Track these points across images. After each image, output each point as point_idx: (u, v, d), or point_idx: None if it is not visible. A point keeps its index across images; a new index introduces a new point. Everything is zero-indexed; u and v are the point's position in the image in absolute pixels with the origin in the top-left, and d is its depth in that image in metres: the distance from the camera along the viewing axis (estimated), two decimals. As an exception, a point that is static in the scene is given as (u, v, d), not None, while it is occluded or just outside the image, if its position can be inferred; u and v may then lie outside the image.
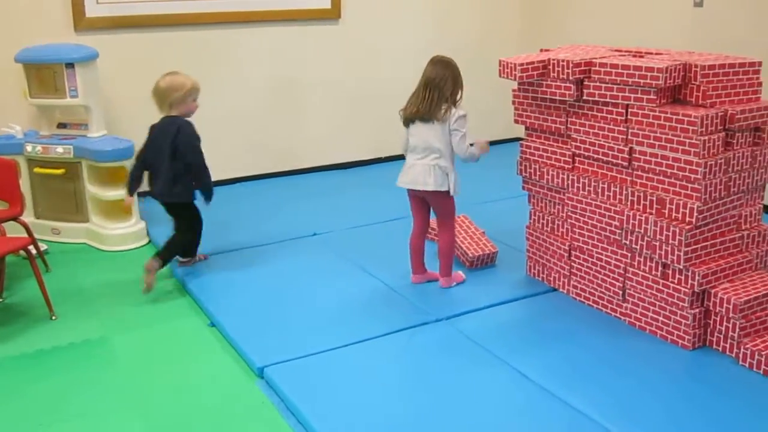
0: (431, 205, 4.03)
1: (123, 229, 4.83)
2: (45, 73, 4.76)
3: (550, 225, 4.03)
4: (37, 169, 4.85)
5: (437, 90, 3.77)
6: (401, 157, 4.06)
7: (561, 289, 4.02)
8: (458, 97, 3.84)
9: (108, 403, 3.17)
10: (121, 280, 4.37)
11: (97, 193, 4.81)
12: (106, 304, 4.07)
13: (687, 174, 3.30)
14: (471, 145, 3.88)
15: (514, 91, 4.01)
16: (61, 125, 5.04)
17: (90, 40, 5.08)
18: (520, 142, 4.08)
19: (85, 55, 4.77)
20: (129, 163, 4.74)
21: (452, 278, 4.10)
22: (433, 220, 4.29)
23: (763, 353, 3.20)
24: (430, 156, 3.84)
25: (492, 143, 6.78)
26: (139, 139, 5.24)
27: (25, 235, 4.19)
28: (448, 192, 3.87)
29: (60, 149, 4.77)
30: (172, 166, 4.12)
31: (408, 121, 3.89)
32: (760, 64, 3.47)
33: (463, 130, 3.80)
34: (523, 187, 4.14)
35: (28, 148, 4.81)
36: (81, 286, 4.28)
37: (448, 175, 3.84)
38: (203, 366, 3.46)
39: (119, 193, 4.78)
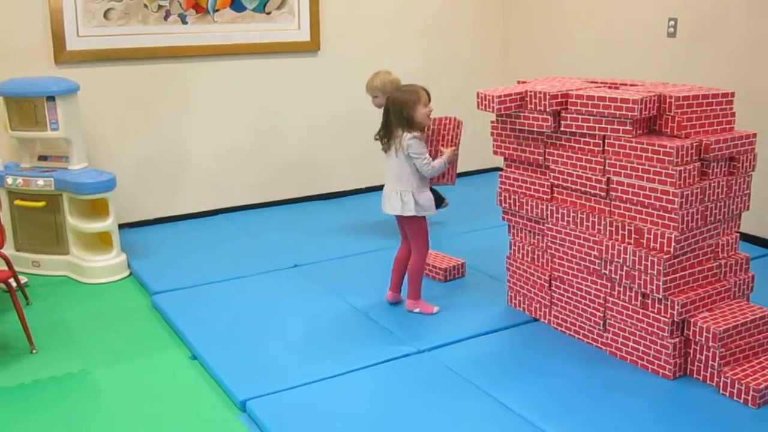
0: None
1: (104, 261, 4.82)
2: (26, 105, 4.75)
3: (530, 255, 4.06)
4: (17, 202, 4.84)
5: (389, 120, 3.99)
6: (380, 187, 4.12)
7: (542, 320, 4.04)
8: (412, 115, 3.93)
9: (88, 439, 3.15)
10: (102, 312, 4.35)
11: (78, 225, 4.80)
12: (87, 337, 4.05)
13: (664, 204, 3.34)
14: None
15: (492, 122, 4.06)
16: (42, 158, 5.02)
17: (71, 73, 5.09)
18: (499, 173, 4.12)
19: (66, 87, 4.77)
20: (110, 196, 4.75)
21: (417, 303, 4.14)
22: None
23: (743, 382, 3.23)
24: (392, 182, 4.04)
25: (472, 173, 6.89)
26: (120, 170, 5.27)
27: (5, 268, 4.17)
28: (414, 216, 4.01)
29: (41, 182, 4.76)
30: None
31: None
32: (733, 94, 3.53)
33: (422, 153, 3.94)
34: (503, 218, 4.17)
35: (9, 180, 4.80)
36: (62, 319, 4.26)
37: (405, 199, 3.98)
38: (185, 399, 3.44)
39: (100, 225, 4.79)
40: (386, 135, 4.02)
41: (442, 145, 4.11)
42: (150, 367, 3.73)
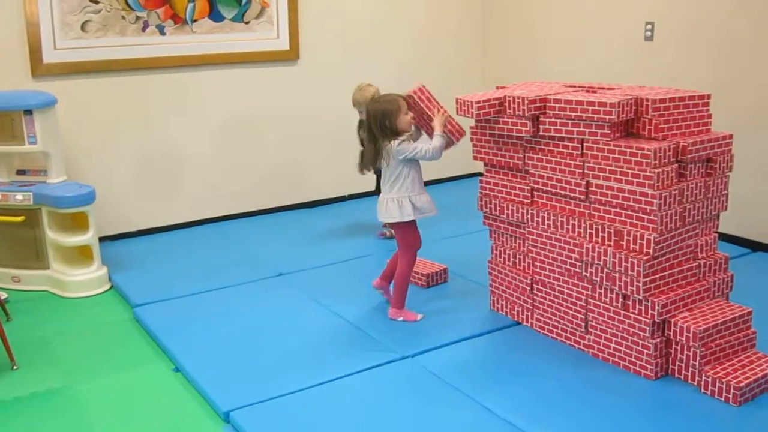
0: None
1: (84, 275, 4.79)
2: (3, 120, 4.72)
3: (511, 259, 4.07)
4: (-4, 217, 4.81)
5: (372, 133, 3.99)
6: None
7: (525, 323, 4.05)
8: (395, 124, 3.94)
9: (72, 454, 3.13)
10: (84, 326, 4.32)
11: (57, 239, 4.77)
12: (69, 351, 4.02)
13: (643, 206, 3.37)
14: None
15: (471, 128, 4.07)
16: (20, 172, 4.99)
17: (48, 86, 5.07)
18: (480, 178, 4.13)
19: (43, 101, 4.74)
20: (90, 209, 4.73)
21: (401, 312, 4.15)
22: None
23: (724, 380, 3.25)
24: (387, 191, 4.05)
25: (452, 179, 6.91)
26: (100, 183, 5.25)
27: (-15, 284, 4.15)
28: (403, 222, 4.03)
29: (19, 196, 4.73)
30: None
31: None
32: (709, 96, 3.56)
33: (414, 149, 3.93)
34: (484, 222, 4.18)
35: (-13, 195, 4.77)
36: (43, 334, 4.23)
37: (403, 204, 3.99)
38: (169, 412, 3.43)
39: (80, 238, 4.77)
40: (371, 149, 4.02)
41: (428, 119, 4.01)
42: (133, 381, 3.71)
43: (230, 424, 3.28)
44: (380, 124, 3.94)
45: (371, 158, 4.05)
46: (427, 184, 4.21)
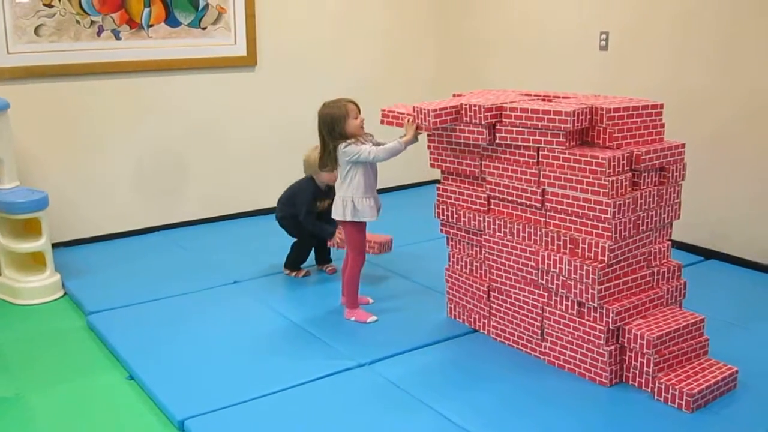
0: None
1: (37, 282, 4.71)
2: (-47, 124, 4.64)
3: (468, 267, 4.08)
4: (-54, 224, 4.72)
5: (323, 139, 4.04)
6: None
7: (482, 330, 4.06)
8: (344, 129, 3.98)
9: (22, 465, 3.08)
10: (37, 334, 4.25)
11: (9, 245, 4.69)
12: (21, 360, 3.95)
13: (597, 214, 3.40)
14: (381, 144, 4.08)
15: (428, 135, 4.08)
16: (-29, 178, 4.91)
17: (1, 91, 4.98)
18: (437, 185, 4.14)
19: (-5, 105, 4.68)
20: (43, 215, 4.65)
21: (353, 312, 4.21)
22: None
23: (677, 387, 3.29)
24: (338, 191, 4.11)
25: (409, 186, 6.92)
26: (53, 189, 5.17)
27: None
28: (350, 222, 4.08)
29: (-30, 202, 4.65)
30: None
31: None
32: (662, 106, 3.61)
33: (358, 151, 3.96)
34: (442, 230, 4.19)
35: (-63, 201, 4.68)
36: (-7, 342, 4.16)
37: (345, 204, 4.05)
38: (123, 421, 3.38)
39: (33, 245, 4.69)
40: (325, 154, 4.05)
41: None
42: (86, 390, 3.66)
43: (185, 434, 3.25)
44: (329, 129, 3.99)
45: (322, 161, 4.08)
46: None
